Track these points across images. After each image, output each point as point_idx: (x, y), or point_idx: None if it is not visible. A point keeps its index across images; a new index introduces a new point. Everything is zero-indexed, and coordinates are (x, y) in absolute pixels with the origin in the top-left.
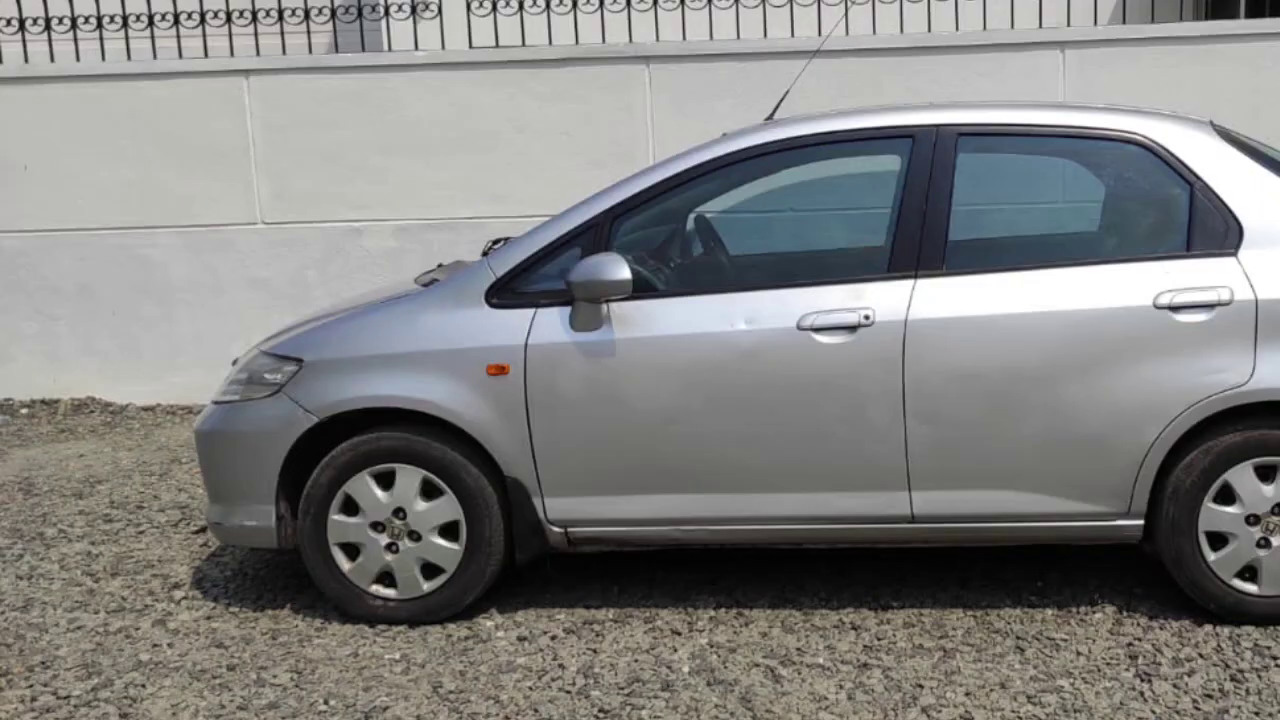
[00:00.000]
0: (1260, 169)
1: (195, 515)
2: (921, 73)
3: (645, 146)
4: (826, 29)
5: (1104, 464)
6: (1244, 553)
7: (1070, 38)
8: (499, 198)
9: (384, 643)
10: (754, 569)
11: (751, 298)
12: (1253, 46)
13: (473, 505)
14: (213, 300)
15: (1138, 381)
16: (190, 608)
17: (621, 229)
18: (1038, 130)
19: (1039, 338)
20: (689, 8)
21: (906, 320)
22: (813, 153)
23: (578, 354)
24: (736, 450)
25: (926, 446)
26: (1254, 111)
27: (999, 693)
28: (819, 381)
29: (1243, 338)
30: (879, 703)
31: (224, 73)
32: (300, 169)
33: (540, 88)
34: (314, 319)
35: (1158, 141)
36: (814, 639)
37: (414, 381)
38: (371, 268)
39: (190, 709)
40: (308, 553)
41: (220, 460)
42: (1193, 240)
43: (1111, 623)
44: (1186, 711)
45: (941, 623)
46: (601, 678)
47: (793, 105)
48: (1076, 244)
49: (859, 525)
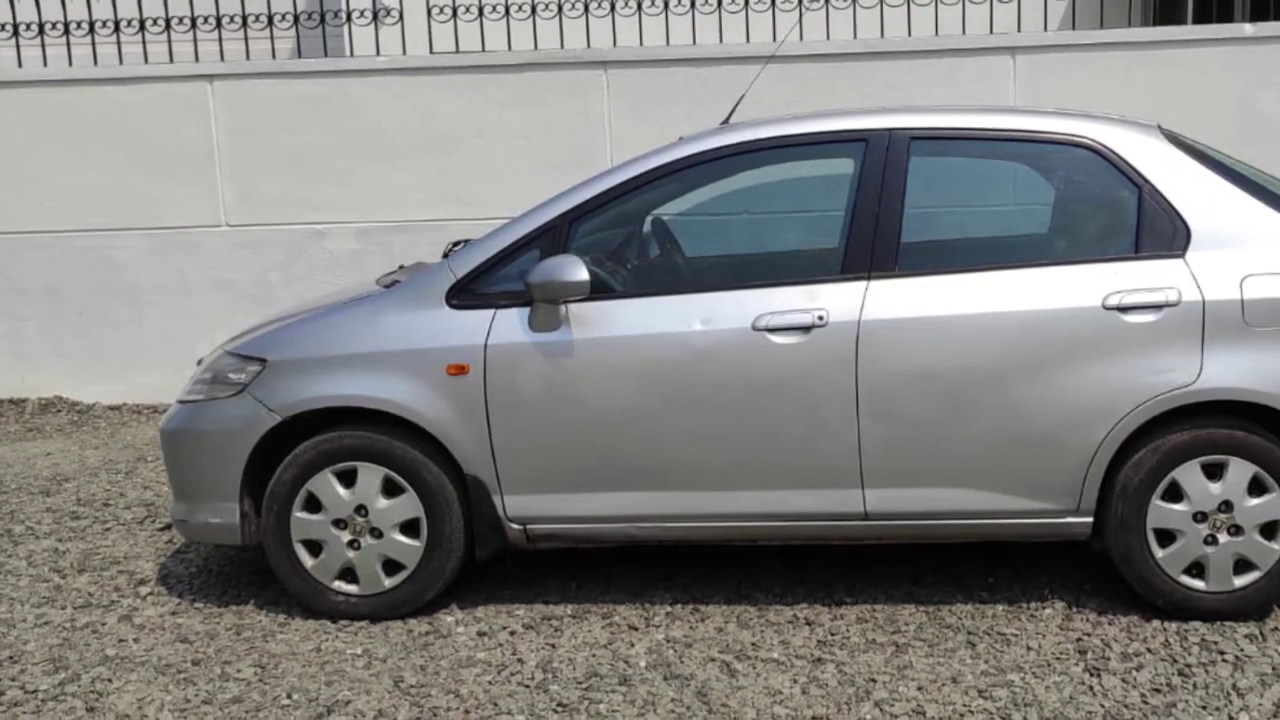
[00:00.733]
0: (1207, 172)
1: (161, 512)
2: (874, 77)
3: (603, 150)
4: (781, 34)
5: (1054, 462)
6: (1191, 549)
7: (1021, 43)
8: (459, 201)
9: (346, 638)
10: (710, 565)
11: (707, 299)
12: (1200, 52)
13: (433, 503)
14: (178, 301)
15: (1087, 381)
16: (156, 603)
17: (580, 231)
18: (988, 134)
19: (990, 338)
20: (646, 14)
21: (860, 321)
22: (768, 156)
23: (536, 354)
24: (693, 449)
25: (879, 445)
26: (1201, 116)
27: (950, 687)
28: (774, 381)
29: (1190, 338)
30: (833, 697)
31: (189, 78)
32: (264, 172)
33: (500, 92)
34: (277, 320)
35: (1106, 145)
36: (769, 634)
37: (375, 381)
38: (334, 269)
39: (156, 703)
40: (271, 549)
41: (185, 458)
42: (1141, 242)
43: (1061, 618)
44: (1135, 705)
45: (894, 618)
46: (560, 672)
47: (748, 110)
48: (1027, 246)
49: (813, 522)
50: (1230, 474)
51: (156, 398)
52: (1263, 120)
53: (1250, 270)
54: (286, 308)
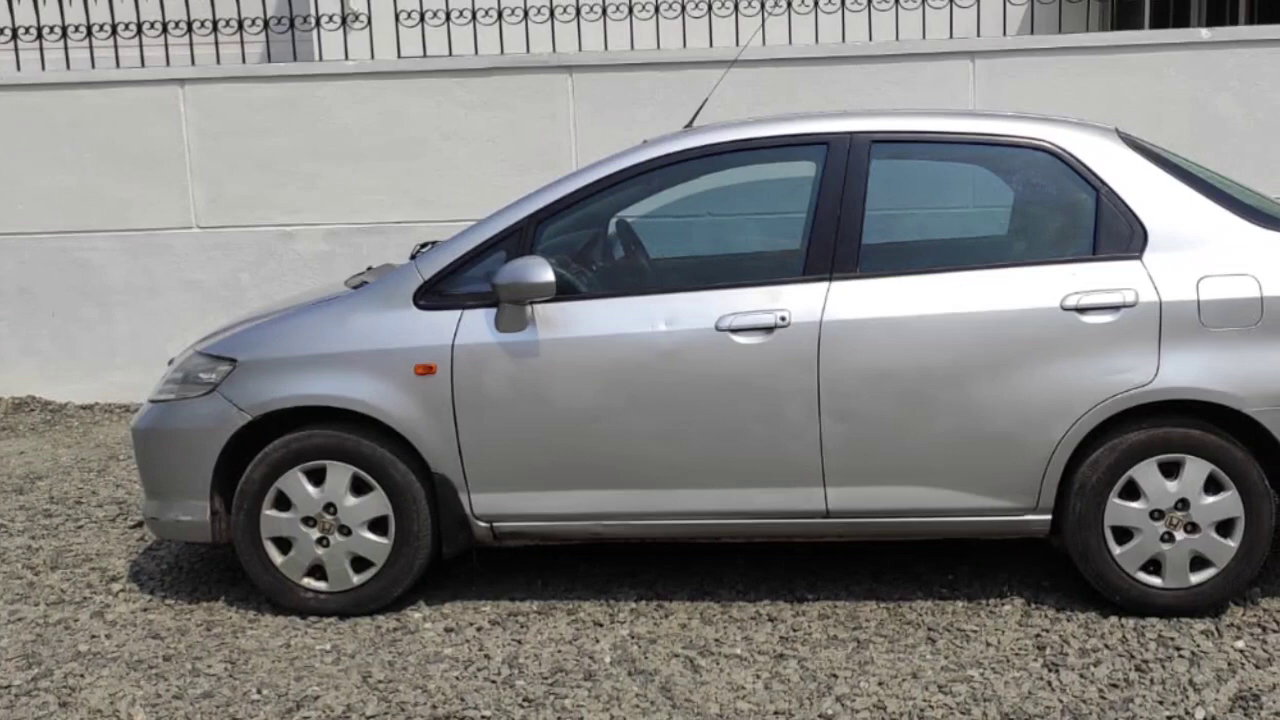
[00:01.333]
0: (1164, 175)
1: (132, 510)
2: (836, 81)
3: (568, 153)
4: (744, 39)
5: (1013, 460)
6: (1148, 547)
7: (980, 47)
8: (426, 203)
9: (315, 634)
10: (674, 562)
11: (671, 300)
12: (1156, 56)
13: (401, 501)
14: (149, 302)
15: (1046, 381)
16: (127, 600)
17: (545, 233)
18: (948, 137)
19: (950, 338)
20: (611, 18)
21: (821, 321)
22: (731, 159)
23: (503, 354)
24: (657, 447)
25: (841, 444)
26: (1158, 119)
27: (911, 682)
28: (737, 381)
29: (1147, 338)
30: (795, 692)
31: (160, 81)
32: (234, 175)
33: (466, 96)
34: (247, 320)
35: (1064, 148)
36: (732, 630)
37: (344, 381)
38: (303, 270)
39: (128, 698)
40: (241, 547)
41: (156, 457)
42: (1099, 244)
43: (1020, 614)
44: (1093, 701)
45: (855, 614)
46: (526, 668)
47: (711, 113)
48: (986, 248)
49: (775, 520)
50: (1187, 472)
51: (128, 397)
52: (1218, 124)
53: (1206, 271)
54: (256, 308)
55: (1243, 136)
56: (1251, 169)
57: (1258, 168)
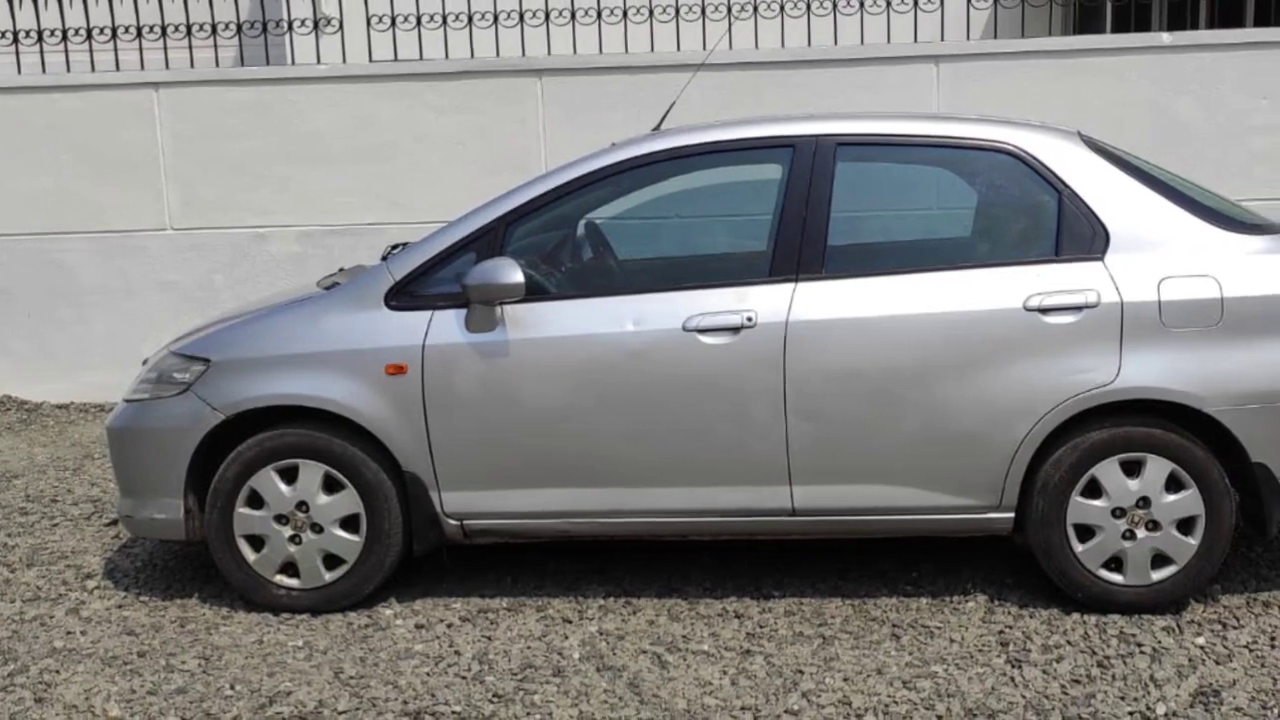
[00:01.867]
0: (1125, 177)
1: (107, 508)
2: (802, 85)
3: (538, 156)
4: (711, 43)
5: (976, 459)
6: (1110, 544)
7: (944, 51)
8: (398, 205)
9: (287, 630)
10: (642, 560)
11: (640, 300)
12: (1118, 60)
13: (372, 499)
14: (124, 303)
15: (1009, 380)
16: (102, 597)
17: (515, 235)
18: (913, 140)
19: (914, 338)
20: (579, 23)
21: (787, 322)
22: (698, 161)
23: (473, 354)
24: (625, 446)
25: (807, 443)
26: (1119, 122)
27: (876, 678)
28: (704, 380)
29: (1109, 339)
30: (761, 688)
31: (135, 85)
32: (207, 177)
33: (437, 99)
34: (221, 320)
35: (1027, 151)
36: (699, 627)
37: (316, 380)
38: (276, 272)
39: (102, 694)
40: (214, 544)
41: (131, 456)
42: (1061, 245)
43: (983, 611)
44: (1055, 696)
45: (821, 611)
46: (496, 664)
47: (679, 116)
48: (950, 249)
49: (742, 518)
50: (1148, 471)
51: (103, 396)
52: (1179, 126)
53: (1167, 273)
54: (229, 309)
55: (1203, 139)
56: (1212, 171)
57: (1218, 170)
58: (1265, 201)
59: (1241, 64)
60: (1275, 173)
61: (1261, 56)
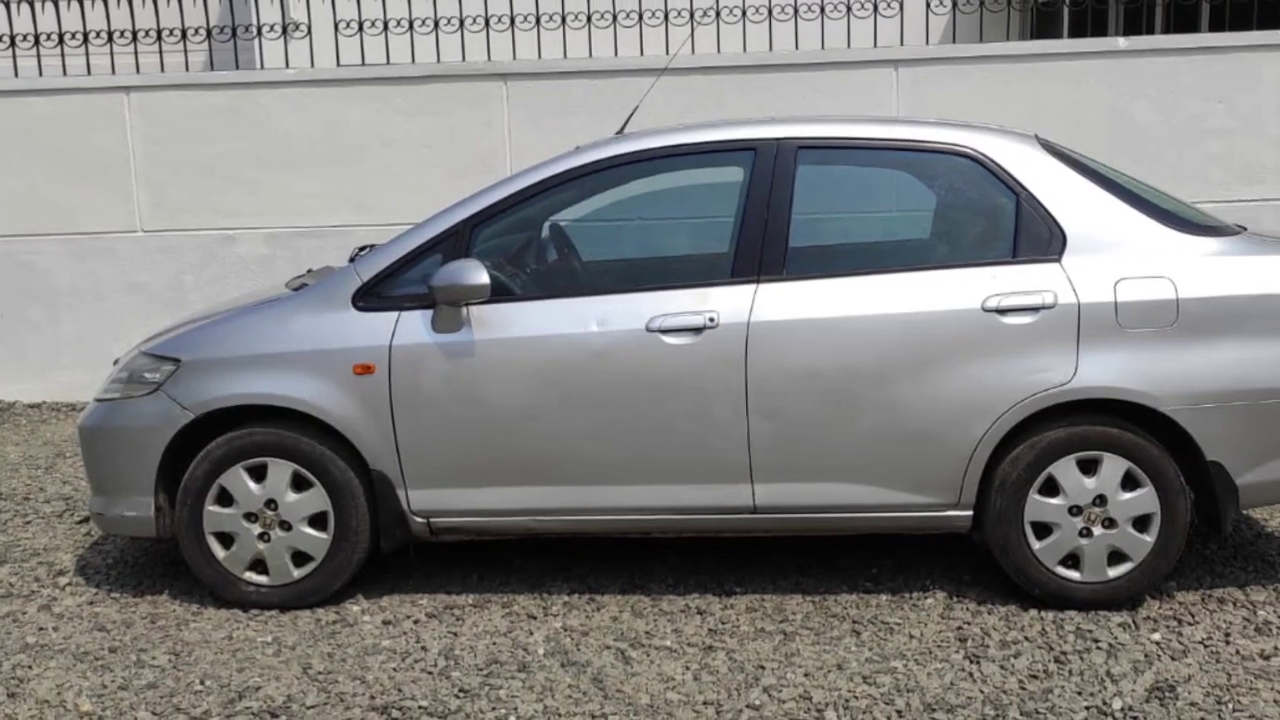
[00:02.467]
0: (1082, 180)
1: (79, 506)
2: (763, 89)
3: (503, 159)
4: (674, 48)
5: (935, 458)
6: (1067, 542)
7: (903, 56)
8: (365, 207)
9: (256, 626)
10: (605, 557)
11: (603, 301)
12: (1075, 64)
13: (340, 497)
14: (95, 304)
15: (967, 380)
16: (74, 593)
17: (480, 236)
18: (872, 143)
19: (874, 339)
20: (544, 28)
21: (749, 322)
22: (661, 165)
23: (439, 354)
24: (589, 445)
25: (768, 441)
26: (1076, 125)
27: (836, 674)
28: (667, 380)
29: (1066, 339)
30: (723, 683)
31: (106, 89)
32: (177, 180)
33: (404, 103)
34: (191, 321)
35: (985, 154)
36: (662, 623)
37: (285, 380)
38: (244, 273)
39: (74, 689)
40: (185, 542)
41: (102, 454)
42: (1019, 247)
43: (942, 608)
44: (1013, 691)
45: (782, 608)
46: (461, 659)
47: (642, 120)
48: (909, 251)
49: (704, 516)
50: (1104, 469)
51: (75, 396)
52: (1135, 130)
53: (1123, 274)
54: (199, 310)
55: (1159, 143)
56: (1168, 174)
57: (1173, 173)
58: (1220, 204)
59: (1197, 68)
60: (1230, 175)
61: (1216, 61)
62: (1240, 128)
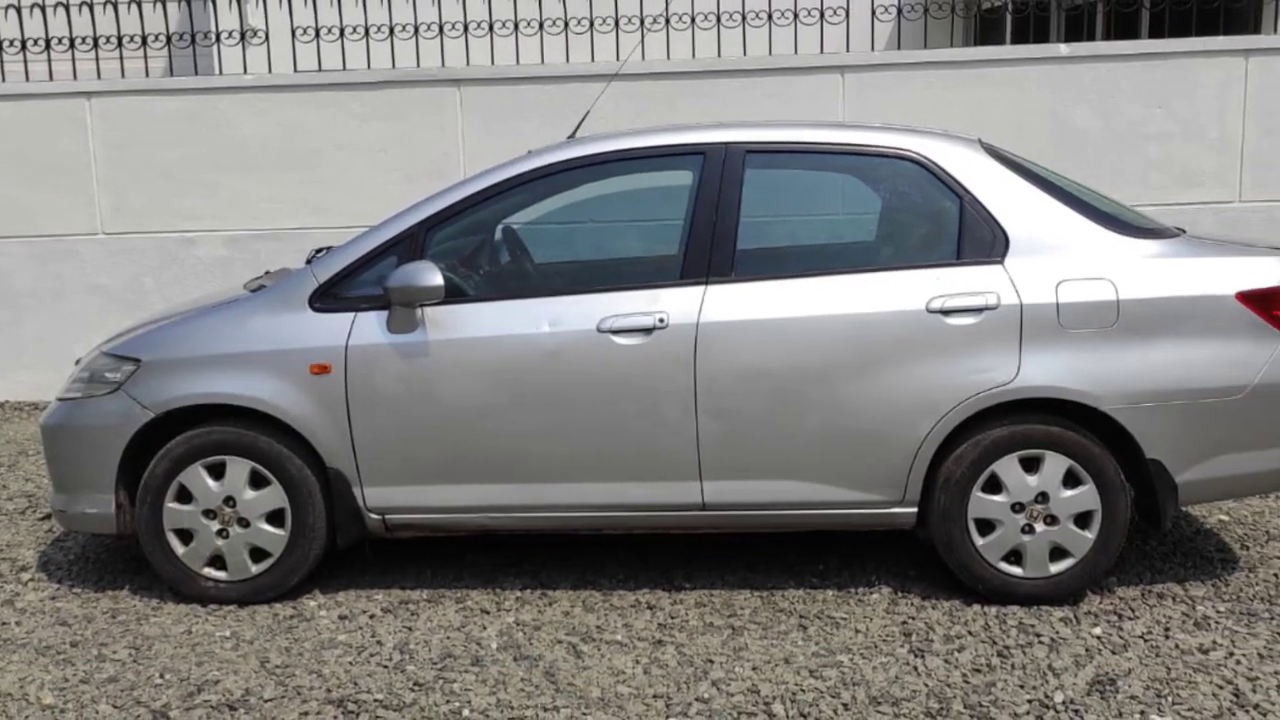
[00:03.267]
0: (1025, 183)
1: (41, 503)
2: (712, 94)
3: (457, 163)
4: (624, 54)
5: (880, 456)
6: (1010, 538)
7: (849, 62)
8: (321, 210)
9: (215, 621)
10: (557, 553)
11: (555, 302)
12: (1017, 70)
13: (297, 494)
14: (56, 305)
15: (912, 380)
16: (36, 589)
17: (435, 239)
18: (819, 148)
19: (821, 339)
20: (497, 34)
21: (698, 323)
22: (611, 168)
23: (394, 354)
24: (541, 443)
25: (716, 440)
26: (1019, 130)
27: (783, 667)
28: (617, 380)
29: (1008, 339)
30: (672, 676)
31: (68, 95)
32: (138, 183)
33: (359, 108)
34: (151, 322)
35: (930, 158)
36: (613, 617)
37: (243, 380)
38: (203, 275)
39: (37, 682)
40: (145, 538)
41: (64, 452)
42: (962, 249)
43: (887, 603)
44: (956, 685)
45: (730, 602)
46: (416, 653)
47: (593, 124)
48: (855, 253)
49: (654, 512)
50: (1046, 467)
51: (37, 395)
52: (1077, 134)
53: (1065, 276)
54: (159, 311)
55: (1100, 147)
56: (1108, 177)
57: (1114, 176)
58: (1159, 207)
59: (1136, 74)
60: (1169, 179)
61: (1156, 67)
62: (1179, 132)
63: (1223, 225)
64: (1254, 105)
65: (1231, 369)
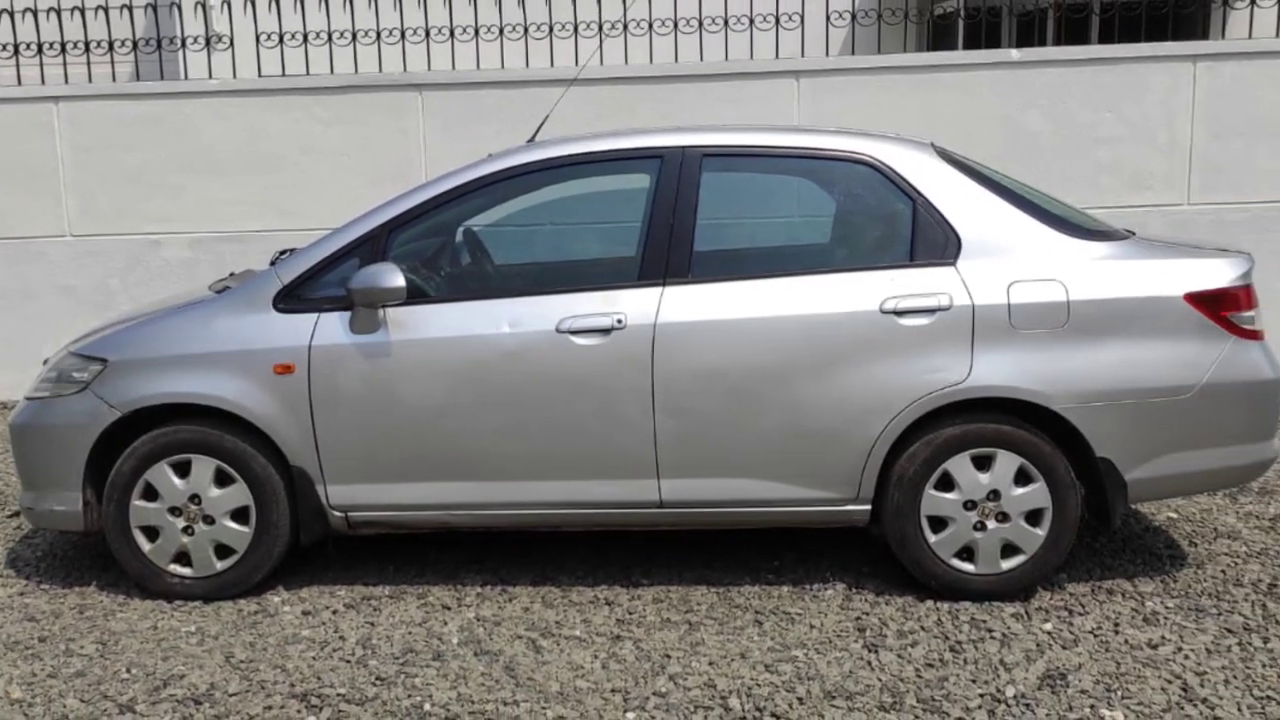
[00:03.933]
0: (977, 186)
1: (9, 501)
2: (670, 99)
3: (419, 166)
4: (583, 59)
5: (835, 454)
6: (962, 535)
7: (804, 67)
8: (286, 213)
9: (181, 617)
10: (517, 550)
11: (515, 303)
12: (968, 75)
13: (261, 492)
14: (24, 305)
15: (866, 379)
16: (4, 585)
17: (397, 241)
18: (774, 151)
19: (776, 340)
20: (458, 40)
21: (655, 324)
22: (570, 171)
23: (357, 355)
24: (501, 442)
25: (674, 439)
26: (970, 134)
27: (740, 662)
28: (576, 380)
29: (961, 340)
30: (630, 671)
31: (35, 99)
32: (105, 186)
33: (323, 113)
34: (118, 322)
35: (883, 161)
36: (572, 613)
37: (208, 379)
38: (169, 276)
39: (4, 677)
40: (112, 535)
41: (32, 451)
42: (915, 251)
43: (842, 599)
44: (910, 679)
45: (687, 599)
46: (378, 648)
47: (552, 128)
48: (810, 255)
49: (613, 510)
50: (998, 465)
51: (5, 395)
52: (1027, 138)
53: (1016, 277)
54: (126, 311)
55: (1051, 150)
56: (1059, 181)
57: (1064, 179)
58: (1109, 209)
59: (1086, 79)
60: (1119, 182)
61: (1105, 71)
62: (1129, 136)
63: (1171, 228)
64: (1202, 110)
65: (1180, 369)
